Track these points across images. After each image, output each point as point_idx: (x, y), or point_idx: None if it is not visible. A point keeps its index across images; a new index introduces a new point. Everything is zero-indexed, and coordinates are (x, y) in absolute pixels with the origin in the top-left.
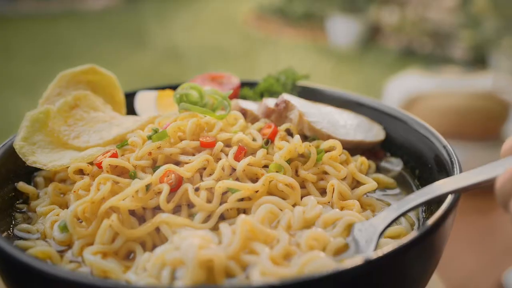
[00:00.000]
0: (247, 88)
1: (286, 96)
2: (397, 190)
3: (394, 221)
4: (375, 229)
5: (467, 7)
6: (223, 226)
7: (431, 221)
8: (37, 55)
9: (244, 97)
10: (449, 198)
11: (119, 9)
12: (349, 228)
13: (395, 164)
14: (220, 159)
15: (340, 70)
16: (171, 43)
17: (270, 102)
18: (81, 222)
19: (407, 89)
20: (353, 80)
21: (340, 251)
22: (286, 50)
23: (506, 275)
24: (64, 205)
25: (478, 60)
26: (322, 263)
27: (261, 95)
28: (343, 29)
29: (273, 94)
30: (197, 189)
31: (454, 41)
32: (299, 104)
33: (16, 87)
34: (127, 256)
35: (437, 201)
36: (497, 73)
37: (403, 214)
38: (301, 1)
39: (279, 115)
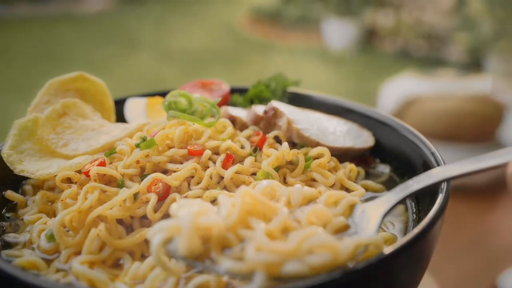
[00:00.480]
0: (237, 95)
1: (275, 103)
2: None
3: (397, 204)
4: (378, 211)
5: (462, 10)
6: (222, 197)
7: (417, 229)
8: (34, 58)
9: (234, 104)
10: (437, 205)
11: (115, 12)
12: (351, 208)
13: (384, 170)
14: (208, 167)
15: (335, 73)
16: (167, 46)
17: (259, 109)
18: (68, 231)
19: (403, 92)
20: (348, 83)
21: (341, 230)
22: (281, 53)
23: (501, 278)
24: (52, 214)
25: (474, 63)
26: (320, 240)
27: (251, 102)
28: (338, 32)
29: (263, 100)
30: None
31: (450, 43)
32: (288, 111)
33: (12, 90)
34: (115, 264)
35: (426, 209)
36: (492, 76)
37: (406, 197)
38: (297, 4)
39: (268, 122)
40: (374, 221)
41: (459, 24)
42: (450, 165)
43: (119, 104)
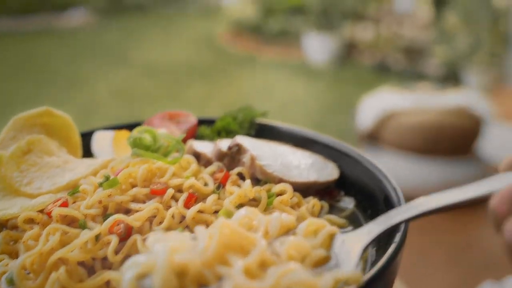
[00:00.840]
0: (205, 127)
1: (239, 139)
2: (350, 228)
3: (379, 236)
4: (358, 243)
5: (439, 24)
6: (199, 229)
7: (374, 270)
8: (14, 73)
9: (202, 136)
10: (394, 244)
11: (96, 27)
12: (331, 238)
13: (349, 204)
14: (171, 206)
15: (315, 86)
16: (149, 60)
17: (223, 144)
18: (29, 273)
19: (382, 107)
20: (328, 97)
21: (320, 263)
22: (262, 67)
23: None
24: (15, 254)
25: (451, 76)
26: (298, 277)
27: (218, 134)
28: (318, 46)
29: (230, 132)
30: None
31: (428, 57)
32: (252, 146)
33: None
34: None
35: (384, 248)
36: (469, 89)
37: (389, 228)
38: (277, 18)
39: (232, 158)
40: (354, 253)
41: (436, 37)
42: (433, 196)
43: (87, 136)
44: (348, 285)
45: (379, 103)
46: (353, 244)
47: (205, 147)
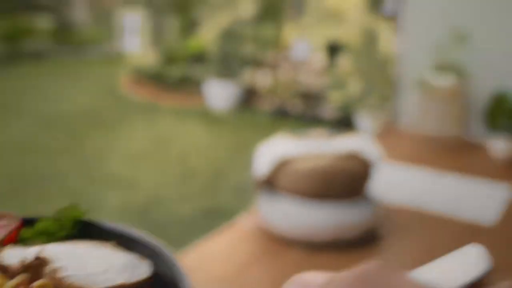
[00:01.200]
0: (27, 228)
1: (42, 250)
2: None
3: None
4: None
5: (333, 70)
6: None
7: None
8: None
9: (23, 239)
10: None
11: None
12: None
13: None
14: None
15: (217, 133)
16: (46, 110)
17: (29, 254)
18: None
19: (277, 153)
20: (229, 143)
21: None
22: (164, 114)
23: None
24: None
25: (345, 120)
26: None
27: (39, 236)
28: (219, 93)
29: (51, 235)
30: None
31: (324, 102)
32: (58, 256)
33: None
34: None
35: None
36: (361, 133)
37: None
38: (178, 66)
39: (36, 270)
40: None
41: (331, 83)
42: None
43: None
44: None
45: (274, 150)
46: None
47: (15, 257)
